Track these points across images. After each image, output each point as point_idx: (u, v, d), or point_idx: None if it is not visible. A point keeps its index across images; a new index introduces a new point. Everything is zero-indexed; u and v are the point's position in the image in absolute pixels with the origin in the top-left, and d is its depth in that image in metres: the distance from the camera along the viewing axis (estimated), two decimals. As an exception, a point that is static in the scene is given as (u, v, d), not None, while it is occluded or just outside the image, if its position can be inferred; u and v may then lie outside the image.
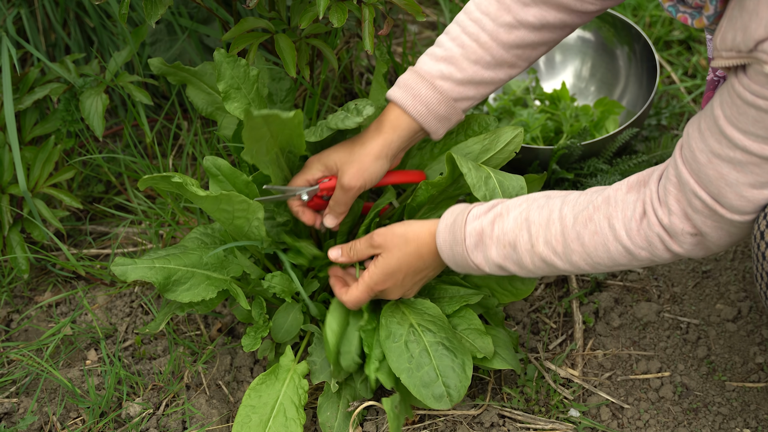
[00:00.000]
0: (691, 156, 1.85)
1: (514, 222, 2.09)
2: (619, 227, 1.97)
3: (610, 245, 1.99)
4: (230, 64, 2.33)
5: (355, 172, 2.28)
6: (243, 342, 2.34)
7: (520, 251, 2.09)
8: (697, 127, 1.85)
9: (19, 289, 2.82)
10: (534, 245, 2.07)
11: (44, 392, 2.54)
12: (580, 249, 2.03)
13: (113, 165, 3.02)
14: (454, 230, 2.16)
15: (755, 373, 2.50)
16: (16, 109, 2.71)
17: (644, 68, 3.04)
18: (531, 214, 2.08)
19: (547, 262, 2.08)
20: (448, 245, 2.17)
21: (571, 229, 2.03)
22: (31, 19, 3.07)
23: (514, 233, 2.09)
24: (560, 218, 2.04)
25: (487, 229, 2.11)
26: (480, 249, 2.13)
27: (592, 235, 2.00)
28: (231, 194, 2.17)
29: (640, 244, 1.97)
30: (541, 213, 2.07)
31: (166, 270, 2.26)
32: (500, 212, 2.12)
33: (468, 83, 2.27)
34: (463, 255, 2.15)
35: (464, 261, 2.16)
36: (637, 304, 2.69)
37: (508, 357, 2.34)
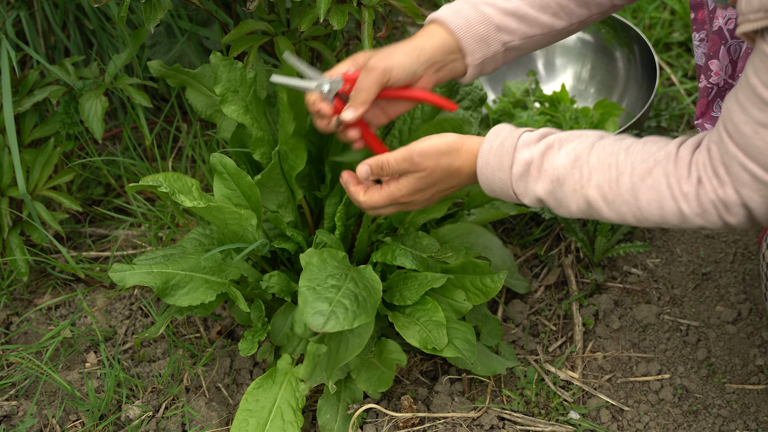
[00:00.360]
0: (735, 130, 1.81)
1: (566, 157, 2.00)
2: (677, 189, 1.92)
3: (665, 204, 1.93)
4: (227, 68, 2.33)
5: (383, 56, 2.15)
6: (240, 346, 2.34)
7: (566, 189, 2.01)
8: (736, 101, 1.81)
9: (18, 292, 2.82)
10: (584, 186, 1.99)
11: (44, 395, 2.54)
12: (633, 201, 1.96)
13: (113, 167, 3.02)
14: (501, 154, 2.05)
15: (755, 375, 2.50)
16: (15, 111, 2.71)
17: (644, 70, 3.03)
18: (585, 153, 2.00)
19: (593, 206, 2.00)
20: (491, 170, 2.07)
21: (628, 179, 1.95)
22: (31, 21, 3.07)
23: (565, 169, 2.00)
24: (616, 164, 1.97)
25: (537, 160, 2.02)
26: (524, 179, 2.04)
27: (649, 189, 1.94)
28: (220, 206, 2.17)
29: (696, 210, 1.91)
30: (596, 154, 1.99)
31: (164, 275, 2.26)
32: (551, 143, 2.02)
33: (511, 15, 2.22)
34: (506, 182, 2.05)
35: (504, 187, 2.06)
36: (636, 306, 2.69)
37: (463, 347, 2.31)
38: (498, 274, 2.33)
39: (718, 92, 2.34)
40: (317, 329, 2.05)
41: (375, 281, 2.24)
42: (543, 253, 2.83)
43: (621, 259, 2.82)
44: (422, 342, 2.26)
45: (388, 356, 2.37)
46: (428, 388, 2.54)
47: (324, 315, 2.06)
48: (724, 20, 2.28)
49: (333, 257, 2.23)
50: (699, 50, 2.37)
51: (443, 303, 2.36)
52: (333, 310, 2.08)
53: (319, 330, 2.05)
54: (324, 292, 2.10)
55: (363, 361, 2.37)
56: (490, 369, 2.44)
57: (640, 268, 2.79)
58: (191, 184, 2.22)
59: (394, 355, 2.37)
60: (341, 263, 2.24)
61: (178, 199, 2.14)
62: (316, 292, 2.10)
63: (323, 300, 2.09)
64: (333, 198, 2.48)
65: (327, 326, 2.05)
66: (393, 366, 2.35)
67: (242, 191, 2.33)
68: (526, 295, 2.75)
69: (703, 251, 2.82)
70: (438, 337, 2.24)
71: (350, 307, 2.10)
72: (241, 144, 2.51)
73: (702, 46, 2.36)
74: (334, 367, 2.28)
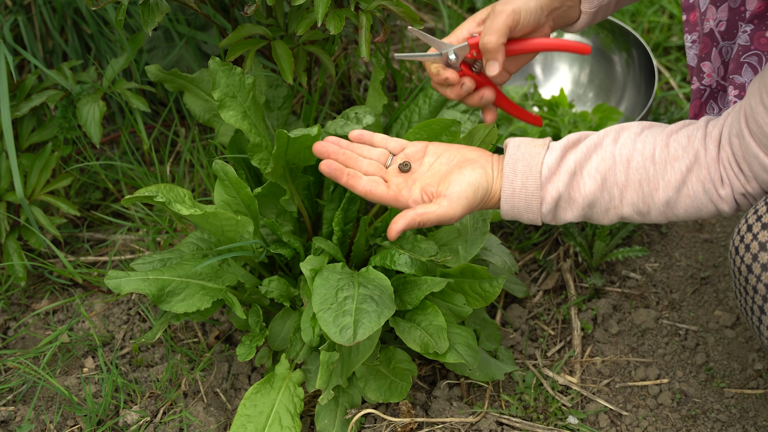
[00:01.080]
0: (759, 130, 1.82)
1: (593, 182, 2.00)
2: (714, 194, 1.94)
3: (704, 209, 1.97)
4: (225, 73, 2.33)
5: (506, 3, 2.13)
6: (238, 351, 2.34)
7: (597, 210, 2.02)
8: (760, 101, 1.81)
9: (16, 297, 2.81)
10: (617, 207, 2.00)
11: (41, 400, 2.54)
12: (669, 211, 1.98)
13: (110, 172, 3.01)
14: (527, 198, 2.04)
15: (754, 380, 2.49)
16: (13, 116, 2.71)
17: (642, 74, 3.03)
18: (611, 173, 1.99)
19: (625, 219, 2.03)
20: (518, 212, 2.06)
21: (662, 193, 1.97)
22: (29, 26, 3.07)
23: (594, 195, 2.00)
24: (647, 179, 1.97)
25: (564, 193, 2.01)
26: (554, 212, 2.04)
27: (686, 198, 1.96)
28: (217, 212, 2.17)
29: (733, 207, 1.95)
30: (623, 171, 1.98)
31: (160, 281, 2.25)
32: (573, 170, 2.00)
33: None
34: (536, 219, 2.05)
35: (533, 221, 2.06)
36: (635, 310, 2.68)
37: (464, 352, 2.31)
38: (497, 279, 2.32)
39: (711, 94, 2.34)
40: (350, 343, 2.04)
41: (381, 278, 2.24)
42: (541, 257, 2.83)
43: (619, 263, 2.81)
44: (423, 347, 2.25)
45: (397, 365, 2.36)
46: (426, 393, 2.53)
47: (350, 328, 2.06)
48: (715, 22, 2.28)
49: (333, 270, 2.22)
50: (691, 51, 2.38)
51: (443, 307, 2.35)
52: (357, 319, 2.07)
53: (353, 342, 2.04)
54: (341, 307, 2.10)
55: (369, 369, 2.37)
56: (488, 374, 2.43)
57: (638, 273, 2.79)
58: (184, 194, 2.22)
59: (404, 364, 2.36)
60: (342, 273, 2.23)
61: (175, 208, 2.13)
62: (332, 311, 2.09)
63: (343, 314, 2.08)
64: (332, 203, 2.48)
65: (358, 335, 2.05)
66: (406, 376, 2.34)
67: (242, 199, 2.33)
68: (525, 300, 2.75)
69: (701, 256, 2.82)
70: (439, 341, 2.24)
71: (371, 308, 2.09)
72: (239, 149, 2.51)
73: (694, 47, 2.37)
74: (348, 372, 2.28)
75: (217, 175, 2.30)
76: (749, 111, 1.84)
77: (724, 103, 2.35)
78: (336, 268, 2.24)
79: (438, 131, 2.35)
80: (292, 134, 2.19)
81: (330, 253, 2.38)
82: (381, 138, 2.20)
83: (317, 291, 2.14)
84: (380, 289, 2.19)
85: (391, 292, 2.21)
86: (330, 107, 3.10)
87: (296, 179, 2.43)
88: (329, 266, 2.24)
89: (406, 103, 2.65)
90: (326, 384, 2.26)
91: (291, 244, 2.41)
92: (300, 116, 2.78)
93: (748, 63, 2.19)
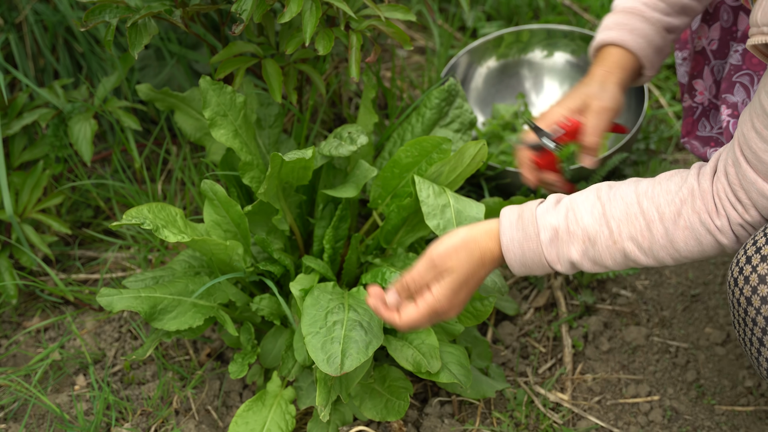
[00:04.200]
0: (755, 158, 1.81)
1: (591, 216, 1.99)
2: (711, 224, 1.92)
3: (703, 241, 1.94)
4: (216, 91, 2.34)
5: (605, 96, 2.27)
6: (230, 369, 2.34)
7: (599, 247, 1.99)
8: (752, 128, 1.81)
9: (7, 315, 2.81)
10: (616, 241, 1.98)
11: (32, 418, 2.54)
12: (669, 245, 1.96)
13: (102, 190, 3.02)
14: (524, 227, 2.02)
15: (744, 397, 2.50)
16: (4, 134, 2.71)
17: (632, 93, 3.05)
18: (606, 207, 1.99)
19: (630, 257, 1.99)
20: (518, 243, 2.01)
21: (659, 225, 1.96)
22: (20, 44, 3.07)
23: (593, 228, 1.98)
24: (642, 213, 1.97)
25: (562, 224, 2.00)
26: (555, 245, 2.00)
27: (683, 230, 1.94)
28: (206, 239, 2.18)
29: (732, 240, 1.93)
30: (618, 207, 1.98)
31: (152, 299, 2.26)
32: (570, 206, 2.01)
33: (672, 12, 2.29)
34: (537, 251, 2.01)
35: (536, 258, 2.02)
36: (626, 328, 2.69)
37: (457, 371, 2.31)
38: (488, 298, 2.33)
39: (703, 112, 2.35)
40: (337, 373, 2.04)
41: None
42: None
43: (610, 281, 2.82)
44: (415, 366, 2.25)
45: (393, 384, 2.36)
46: (418, 410, 2.53)
47: (338, 357, 2.06)
48: (707, 41, 2.30)
49: (323, 290, 2.23)
50: (681, 69, 2.39)
51: (435, 326, 2.36)
52: (344, 349, 2.07)
53: (339, 373, 2.04)
54: (329, 333, 2.10)
55: (364, 387, 2.36)
56: (479, 392, 2.43)
57: (629, 290, 2.80)
58: (175, 214, 2.22)
59: (400, 383, 2.36)
60: (333, 293, 2.23)
61: (162, 234, 2.13)
62: (321, 336, 2.09)
63: (331, 341, 2.08)
64: (322, 221, 2.49)
65: (345, 367, 2.05)
66: (403, 395, 2.33)
67: (231, 218, 2.33)
68: (516, 317, 2.75)
69: (691, 273, 2.83)
70: (432, 361, 2.24)
71: (359, 338, 2.09)
72: (231, 167, 2.52)
73: (684, 65, 2.38)
74: (347, 389, 2.27)
75: (206, 195, 2.31)
76: (742, 139, 1.84)
77: (716, 122, 2.36)
78: (327, 287, 2.25)
79: (429, 149, 2.36)
80: (287, 157, 2.19)
81: (320, 272, 2.39)
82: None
83: (307, 312, 2.15)
84: (370, 314, 2.18)
85: None
86: (321, 125, 3.11)
87: (289, 198, 2.44)
88: (320, 285, 2.24)
89: (398, 122, 2.66)
90: (326, 401, 2.22)
91: (281, 261, 2.42)
92: (291, 134, 2.79)
93: (740, 83, 2.20)
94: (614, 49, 2.28)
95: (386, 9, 2.37)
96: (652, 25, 2.27)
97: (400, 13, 2.37)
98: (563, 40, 3.23)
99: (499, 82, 3.26)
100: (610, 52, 2.29)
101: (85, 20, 2.36)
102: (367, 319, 2.15)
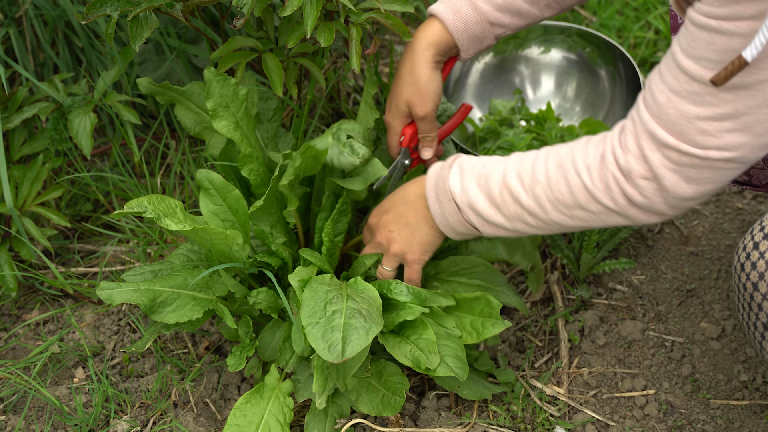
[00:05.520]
0: (652, 98, 1.83)
1: (496, 161, 2.15)
2: (580, 162, 1.96)
3: (570, 178, 1.98)
4: (220, 83, 2.35)
5: (421, 100, 2.41)
6: (228, 362, 2.35)
7: (491, 182, 2.12)
8: (658, 70, 1.84)
9: (6, 307, 2.82)
10: (505, 176, 2.09)
11: (32, 410, 2.54)
12: (545, 181, 2.02)
13: (101, 184, 3.02)
14: (443, 166, 2.24)
15: (739, 391, 2.51)
16: (4, 128, 2.71)
17: (629, 89, 3.06)
18: (513, 155, 2.14)
19: (513, 193, 2.08)
20: (434, 173, 2.24)
21: (542, 163, 2.03)
22: (20, 38, 3.08)
23: (491, 167, 2.14)
24: (535, 155, 2.07)
25: (467, 164, 2.20)
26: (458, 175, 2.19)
27: (557, 167, 2.00)
28: (206, 228, 2.18)
29: (598, 184, 1.94)
30: (521, 155, 2.12)
31: (152, 292, 2.26)
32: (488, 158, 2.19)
33: (506, 10, 2.36)
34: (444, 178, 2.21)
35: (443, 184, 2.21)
36: (622, 322, 2.70)
37: (454, 364, 2.32)
38: (502, 322, 2.36)
39: None
40: (339, 360, 2.05)
41: (370, 290, 2.25)
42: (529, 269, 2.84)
43: (606, 275, 2.83)
44: (414, 362, 2.26)
45: (389, 378, 2.37)
46: (415, 403, 2.54)
47: (339, 344, 2.06)
48: None
49: (321, 282, 2.23)
50: None
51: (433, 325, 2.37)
52: (345, 336, 2.07)
53: (341, 360, 2.05)
54: (329, 322, 2.10)
55: (361, 381, 2.37)
56: (476, 393, 2.45)
57: (625, 285, 2.81)
58: (175, 206, 2.23)
59: (396, 378, 2.37)
60: (331, 284, 2.24)
61: (164, 223, 2.14)
62: (321, 325, 2.10)
63: (332, 330, 2.09)
64: (323, 212, 2.50)
65: (346, 353, 2.05)
66: (399, 391, 2.35)
67: (229, 206, 2.34)
68: (513, 311, 2.76)
69: (687, 268, 2.84)
70: (430, 356, 2.25)
71: (359, 324, 2.10)
72: (229, 161, 2.52)
73: None
74: (345, 377, 2.27)
75: (201, 185, 2.32)
76: (647, 84, 1.87)
77: None
78: (324, 279, 2.25)
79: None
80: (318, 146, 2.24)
81: (318, 265, 2.40)
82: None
83: (306, 303, 2.15)
84: (368, 302, 2.20)
85: (380, 305, 2.22)
86: (319, 120, 3.12)
87: (294, 189, 2.45)
88: (317, 278, 2.25)
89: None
90: (323, 388, 2.24)
91: (279, 253, 2.42)
92: (290, 129, 2.79)
93: None
94: (437, 23, 2.39)
95: (385, 1, 2.38)
96: (478, 14, 2.36)
97: (399, 5, 2.39)
98: (560, 36, 3.24)
99: (497, 77, 3.26)
100: (433, 25, 2.40)
101: (86, 13, 2.36)
102: (366, 307, 2.16)
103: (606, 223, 2.01)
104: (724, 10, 1.64)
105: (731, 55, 1.67)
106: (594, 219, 2.00)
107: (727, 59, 1.68)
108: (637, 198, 1.91)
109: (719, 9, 1.64)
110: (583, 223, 2.03)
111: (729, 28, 1.65)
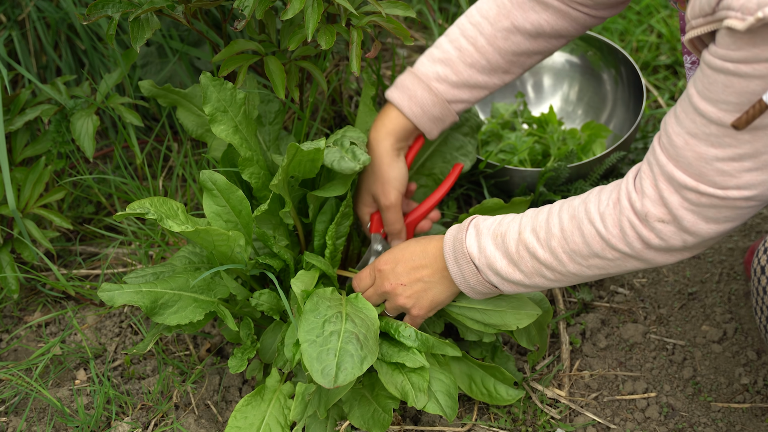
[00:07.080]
0: (669, 141, 1.84)
1: (511, 218, 2.14)
2: (594, 210, 1.97)
3: (584, 227, 1.98)
4: (216, 87, 2.34)
5: (383, 190, 2.45)
6: (230, 363, 2.35)
7: (507, 240, 2.10)
8: (673, 113, 1.84)
9: (8, 309, 2.82)
10: (521, 233, 2.08)
11: (33, 412, 2.55)
12: (559, 234, 2.02)
13: (103, 186, 3.03)
14: (459, 228, 2.22)
15: (740, 394, 2.51)
16: (6, 130, 2.72)
17: (631, 92, 3.06)
18: (527, 211, 2.14)
19: (530, 249, 2.07)
20: (451, 236, 2.22)
21: (556, 216, 2.04)
22: (23, 41, 3.08)
23: (506, 224, 2.13)
24: (548, 209, 2.07)
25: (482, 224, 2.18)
26: (475, 237, 2.16)
27: (570, 219, 2.01)
28: (208, 229, 2.18)
29: (612, 231, 1.95)
30: (535, 211, 2.11)
31: (153, 294, 2.26)
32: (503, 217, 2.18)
33: (463, 86, 2.36)
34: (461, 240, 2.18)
35: (460, 246, 2.18)
36: (623, 325, 2.70)
37: (444, 402, 2.31)
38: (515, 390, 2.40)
39: None
40: (330, 386, 2.05)
41: (369, 310, 2.25)
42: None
43: (608, 278, 2.83)
44: (403, 395, 2.26)
45: (380, 392, 2.36)
46: (416, 405, 2.55)
47: (332, 369, 2.06)
48: None
49: (322, 297, 2.23)
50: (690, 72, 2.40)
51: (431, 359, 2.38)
52: (339, 362, 2.07)
53: (332, 386, 2.05)
54: (326, 343, 2.10)
55: (354, 392, 2.37)
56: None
57: (626, 288, 2.81)
58: (177, 208, 2.23)
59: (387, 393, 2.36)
60: (332, 300, 2.24)
61: (166, 224, 2.14)
62: (317, 345, 2.09)
63: (327, 352, 2.08)
64: (323, 215, 2.49)
65: (339, 380, 2.06)
66: (388, 408, 2.35)
67: (232, 207, 2.34)
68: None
69: (689, 271, 2.84)
70: (419, 395, 2.26)
71: (355, 352, 2.09)
72: (231, 164, 2.52)
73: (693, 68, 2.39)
74: (327, 405, 2.28)
75: (205, 186, 2.32)
76: (663, 126, 1.88)
77: None
78: (326, 293, 2.25)
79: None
80: (304, 147, 2.21)
81: (321, 268, 2.40)
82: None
83: (305, 317, 2.15)
84: (367, 325, 2.19)
85: (377, 328, 2.22)
86: (321, 123, 3.12)
87: (293, 192, 2.45)
88: (319, 291, 2.24)
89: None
90: (300, 415, 2.28)
91: (281, 255, 2.42)
92: (291, 132, 2.80)
93: None
94: (394, 111, 2.43)
95: (387, 5, 2.38)
96: (434, 96, 2.38)
97: (401, 10, 2.38)
98: (563, 39, 3.24)
99: (499, 81, 3.27)
100: (390, 113, 2.43)
101: (88, 14, 2.36)
102: (364, 331, 2.16)
103: (623, 269, 2.02)
104: (741, 54, 1.63)
105: (750, 97, 1.67)
106: (611, 266, 2.01)
107: (746, 101, 1.68)
108: (654, 241, 1.91)
109: (736, 52, 1.64)
110: (601, 271, 2.03)
111: (747, 71, 1.65)
